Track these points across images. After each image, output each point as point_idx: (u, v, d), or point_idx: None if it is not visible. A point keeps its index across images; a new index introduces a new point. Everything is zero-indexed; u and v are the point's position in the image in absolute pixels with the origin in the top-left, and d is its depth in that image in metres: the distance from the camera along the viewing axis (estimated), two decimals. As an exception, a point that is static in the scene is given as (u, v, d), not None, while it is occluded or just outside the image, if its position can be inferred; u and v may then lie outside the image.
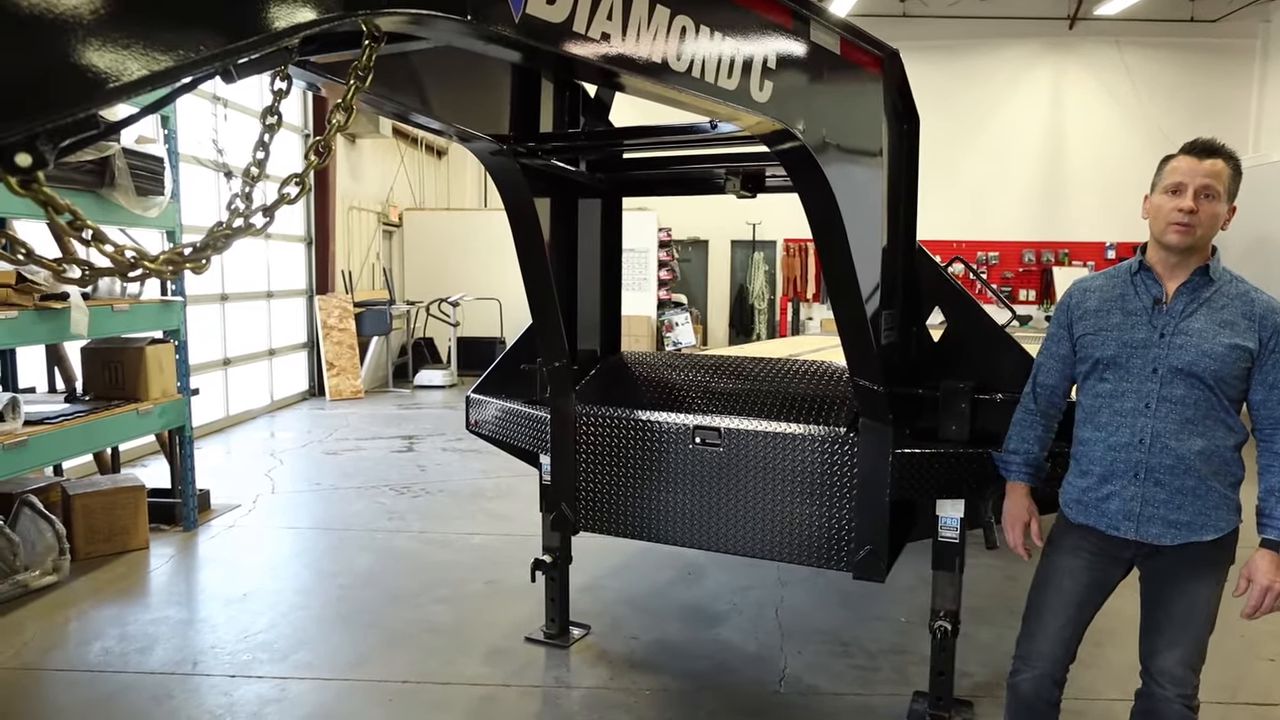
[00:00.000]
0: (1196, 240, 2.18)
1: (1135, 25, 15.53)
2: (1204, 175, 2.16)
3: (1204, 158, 2.17)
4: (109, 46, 1.01)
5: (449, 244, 13.38)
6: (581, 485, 3.49)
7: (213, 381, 8.66)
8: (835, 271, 2.70)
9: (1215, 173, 2.16)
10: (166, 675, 3.56)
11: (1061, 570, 2.39)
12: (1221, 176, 2.16)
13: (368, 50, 1.42)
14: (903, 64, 2.93)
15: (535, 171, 3.15)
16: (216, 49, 1.10)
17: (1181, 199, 2.16)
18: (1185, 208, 2.15)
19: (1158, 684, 2.29)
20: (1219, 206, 2.17)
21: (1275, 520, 2.18)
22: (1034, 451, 2.51)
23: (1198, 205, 2.15)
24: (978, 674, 3.58)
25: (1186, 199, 2.15)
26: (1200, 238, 2.18)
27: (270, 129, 1.49)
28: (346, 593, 4.49)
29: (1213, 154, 2.17)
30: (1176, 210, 2.16)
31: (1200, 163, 2.17)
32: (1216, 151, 2.18)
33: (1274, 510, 2.18)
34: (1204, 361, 2.16)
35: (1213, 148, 2.18)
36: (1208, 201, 2.16)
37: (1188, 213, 2.15)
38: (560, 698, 3.43)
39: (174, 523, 5.49)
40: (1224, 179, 2.16)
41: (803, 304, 16.84)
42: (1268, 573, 2.16)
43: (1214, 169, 2.16)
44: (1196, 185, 2.16)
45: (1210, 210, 2.16)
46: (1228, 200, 2.19)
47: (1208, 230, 2.18)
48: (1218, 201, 2.16)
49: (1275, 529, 2.17)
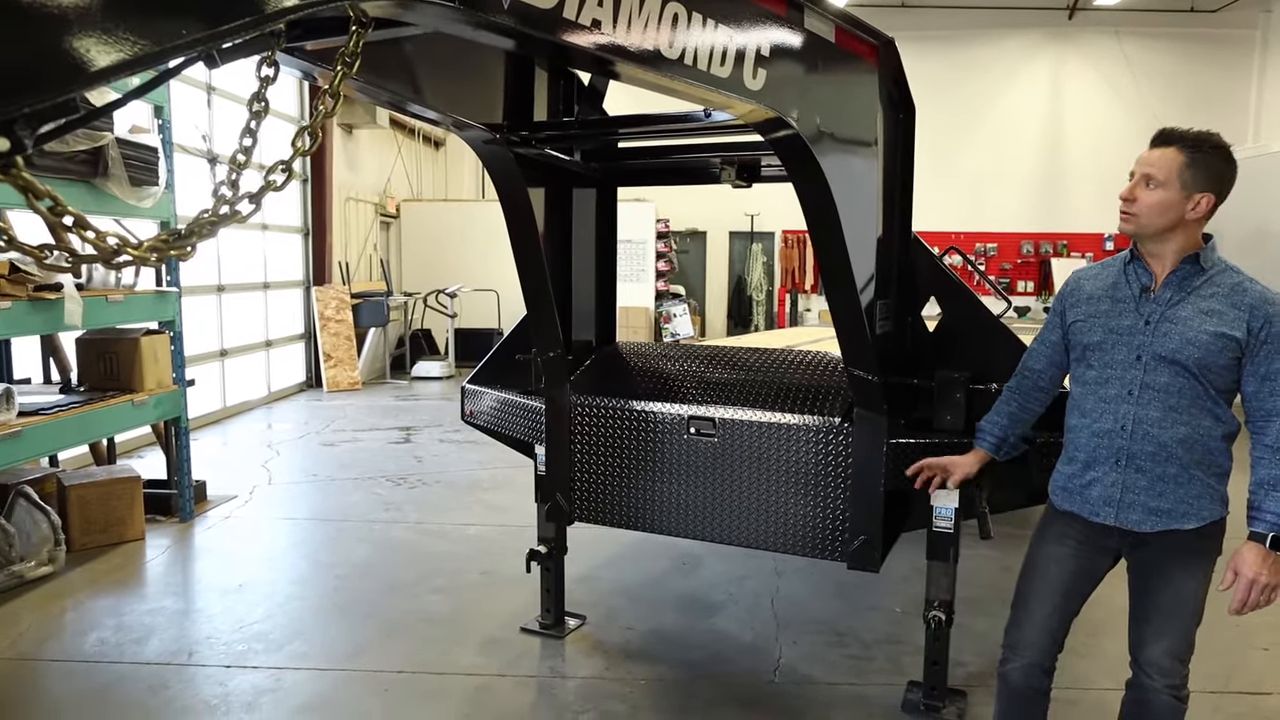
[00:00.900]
0: (1140, 228, 2.20)
1: (1135, 15, 15.48)
2: (1147, 163, 2.18)
3: (1154, 147, 2.19)
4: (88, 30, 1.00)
5: (447, 235, 13.36)
6: (576, 476, 3.49)
7: (209, 373, 8.65)
8: (830, 261, 2.70)
9: (1159, 161, 2.16)
10: (162, 666, 3.57)
11: (1048, 558, 2.40)
12: (1167, 164, 2.15)
13: (355, 36, 1.41)
14: (898, 53, 2.92)
15: (529, 161, 3.14)
16: (199, 33, 1.09)
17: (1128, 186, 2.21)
18: (1122, 195, 2.21)
19: (1146, 675, 2.29)
20: (1161, 194, 2.15)
21: (1265, 513, 2.15)
22: (1001, 424, 2.60)
23: (1135, 193, 2.18)
24: (972, 664, 3.58)
25: (1126, 187, 2.20)
26: (1145, 225, 2.19)
27: (257, 116, 1.48)
28: (343, 583, 4.49)
29: (1167, 142, 2.18)
30: (1120, 197, 2.21)
31: (1150, 152, 2.19)
32: (1171, 139, 2.17)
33: (1263, 503, 2.16)
34: (1187, 349, 2.16)
35: (1169, 136, 2.18)
36: (1147, 190, 2.17)
37: (1124, 200, 2.20)
38: (555, 688, 3.43)
39: (170, 514, 5.48)
40: (1172, 167, 2.14)
41: (801, 295, 16.82)
42: (1254, 565, 2.13)
43: (1159, 158, 2.16)
44: (1139, 174, 2.19)
45: (1150, 198, 2.16)
46: (1183, 188, 2.14)
47: (1151, 217, 2.18)
48: (1162, 189, 2.15)
49: (1264, 522, 2.15)
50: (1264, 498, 2.16)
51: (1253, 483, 2.19)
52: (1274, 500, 2.14)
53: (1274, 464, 2.16)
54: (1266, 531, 2.14)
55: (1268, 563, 2.13)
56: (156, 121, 5.13)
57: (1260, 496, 2.17)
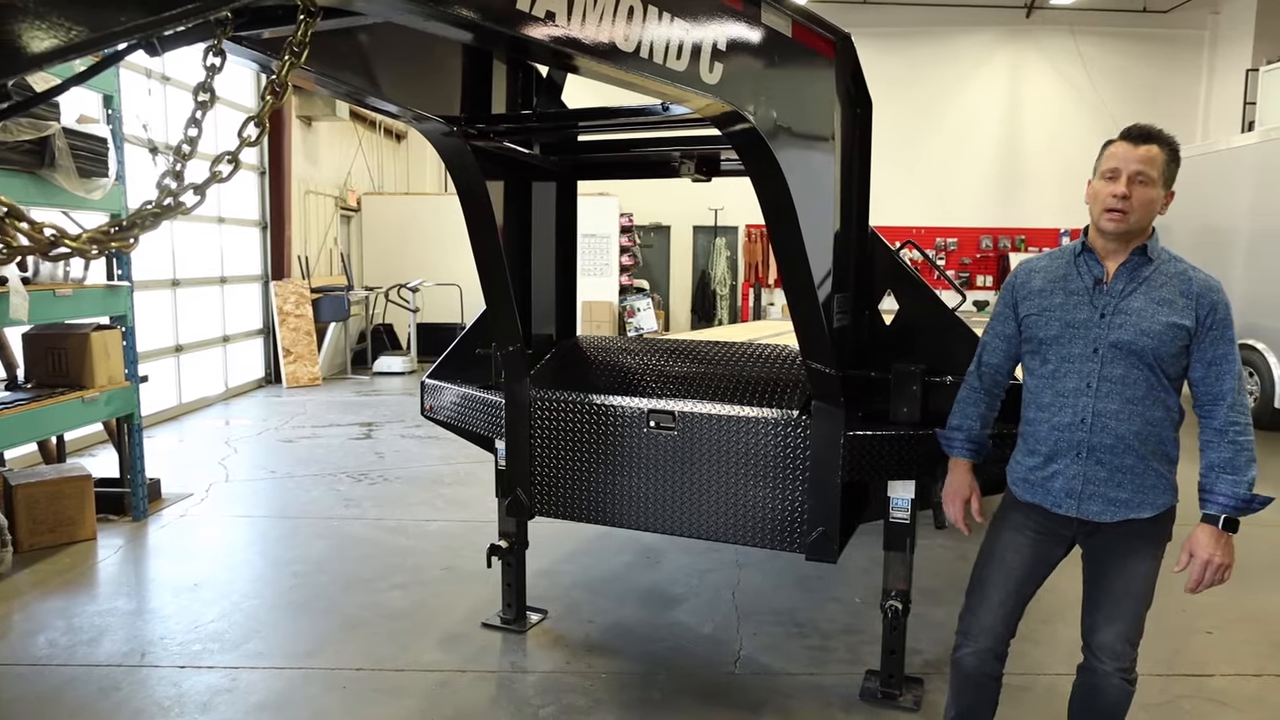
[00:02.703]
0: (1131, 225, 2.21)
1: (1090, 15, 15.79)
2: (1138, 161, 2.19)
3: (1139, 144, 2.20)
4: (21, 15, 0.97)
5: (408, 229, 13.22)
6: (537, 470, 3.48)
7: (164, 369, 8.49)
8: (787, 255, 2.71)
9: (1150, 159, 2.19)
10: (114, 667, 3.49)
11: (1005, 546, 2.44)
12: (1156, 162, 2.19)
13: (303, 25, 1.39)
14: (855, 48, 2.94)
15: (488, 154, 3.11)
16: (138, 20, 1.07)
17: (1116, 184, 2.20)
18: (1119, 193, 2.19)
19: (1097, 659, 2.35)
20: (1153, 192, 2.20)
21: (1216, 496, 2.21)
22: (975, 428, 2.56)
23: (1131, 191, 2.19)
24: (928, 652, 3.64)
25: (1120, 184, 2.19)
26: (1135, 223, 2.21)
27: (203, 106, 1.45)
28: (301, 580, 4.43)
29: (1148, 140, 2.20)
30: (1111, 196, 2.20)
31: (1135, 149, 2.20)
32: (1152, 137, 2.20)
33: (1215, 486, 2.22)
34: (1143, 340, 2.20)
35: (1149, 133, 2.21)
36: (1141, 187, 2.19)
37: (1121, 198, 2.19)
38: (516, 682, 3.42)
39: (123, 513, 5.37)
40: (1158, 165, 2.19)
41: (764, 289, 16.91)
42: (1207, 546, 2.20)
43: (1148, 155, 2.19)
44: (1130, 171, 2.19)
45: (1144, 196, 2.19)
46: (1163, 185, 2.22)
47: (1142, 215, 2.21)
48: (1151, 187, 2.19)
49: (1216, 504, 2.21)
50: (1215, 480, 2.21)
51: (1203, 466, 2.24)
52: (1225, 483, 2.20)
53: (1223, 447, 2.21)
54: (1219, 513, 2.20)
55: (1220, 543, 2.20)
56: (106, 111, 5.01)
57: (1211, 480, 2.22)
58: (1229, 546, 2.22)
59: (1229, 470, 2.19)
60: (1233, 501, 2.18)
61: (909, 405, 3.11)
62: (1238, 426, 2.20)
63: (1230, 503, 2.18)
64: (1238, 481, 2.18)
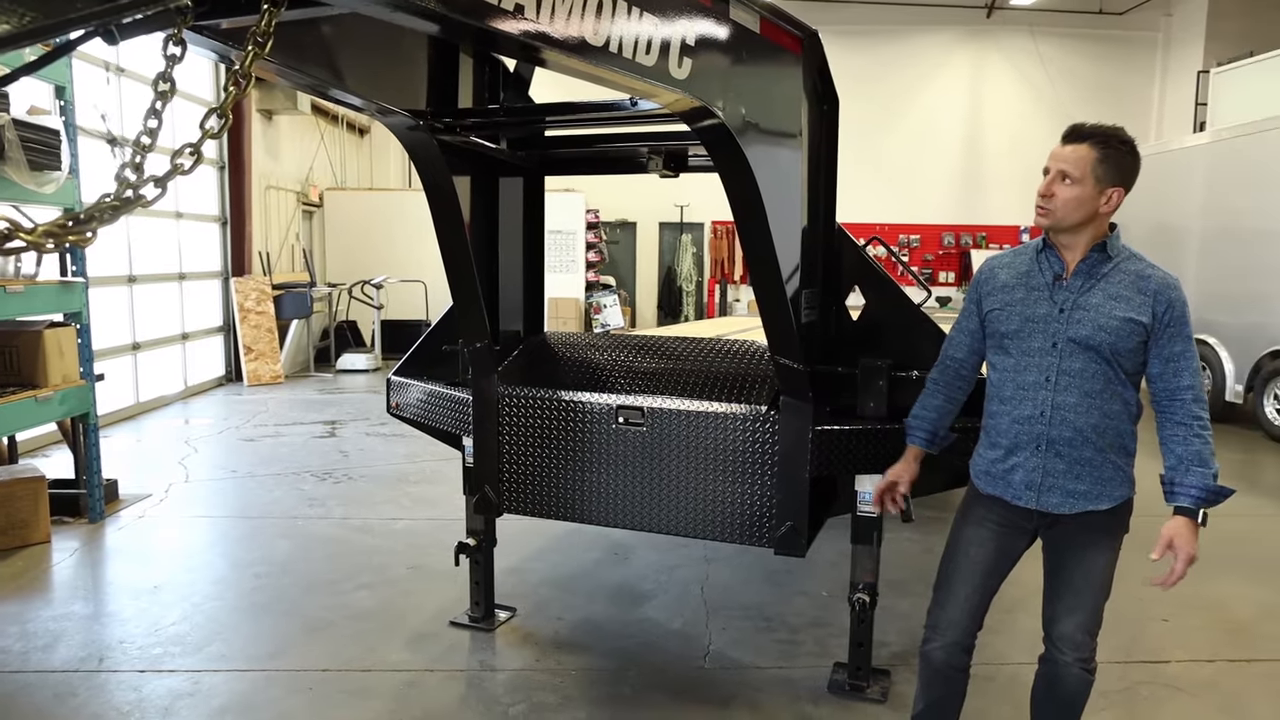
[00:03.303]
0: (1055, 222, 2.27)
1: (1049, 15, 16.05)
2: (1062, 160, 2.25)
3: (1067, 143, 2.26)
4: (-29, 0, 0.94)
5: (372, 225, 13.07)
6: (505, 467, 3.46)
7: (122, 367, 8.30)
8: (755, 250, 2.72)
9: (1075, 158, 2.23)
10: (70, 673, 3.41)
11: (969, 540, 2.47)
12: (1083, 161, 2.22)
13: (266, 15, 1.36)
14: (822, 45, 2.96)
15: (454, 149, 3.08)
16: (95, 7, 1.04)
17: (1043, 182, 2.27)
18: (1040, 191, 2.28)
19: (1058, 649, 2.39)
20: (1076, 190, 2.23)
21: (1188, 488, 2.22)
22: (930, 418, 2.61)
23: (1052, 189, 2.25)
24: (895, 644, 3.68)
25: (1043, 182, 2.27)
26: (1059, 220, 2.26)
27: (163, 96, 1.41)
28: (264, 581, 4.36)
29: (1079, 139, 2.25)
30: (1037, 193, 2.28)
31: (1064, 148, 2.26)
32: (1084, 136, 2.25)
33: (1185, 479, 2.23)
34: (1100, 335, 2.25)
35: (1080, 133, 2.26)
36: (1063, 185, 2.24)
37: (1042, 196, 2.27)
38: (485, 681, 3.40)
39: (79, 515, 5.24)
40: (1084, 163, 2.22)
41: (730, 285, 16.99)
42: (1191, 542, 2.21)
43: (1074, 154, 2.23)
44: (1056, 169, 2.25)
45: (1065, 194, 2.23)
46: (1097, 183, 2.22)
47: (1067, 212, 2.25)
48: (1075, 185, 2.23)
49: (1189, 496, 2.22)
50: (1184, 474, 2.23)
51: (1170, 460, 2.26)
52: (1195, 475, 2.22)
53: (1189, 440, 2.23)
54: (1194, 506, 2.21)
55: (1196, 536, 2.22)
56: (58, 103, 4.88)
57: (1180, 473, 2.24)
58: (1196, 539, 2.24)
59: (1198, 463, 2.22)
60: (1204, 493, 2.20)
61: (875, 400, 3.13)
62: (1201, 420, 2.24)
63: (1202, 495, 2.21)
64: (1206, 474, 2.21)
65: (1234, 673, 3.59)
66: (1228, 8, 14.63)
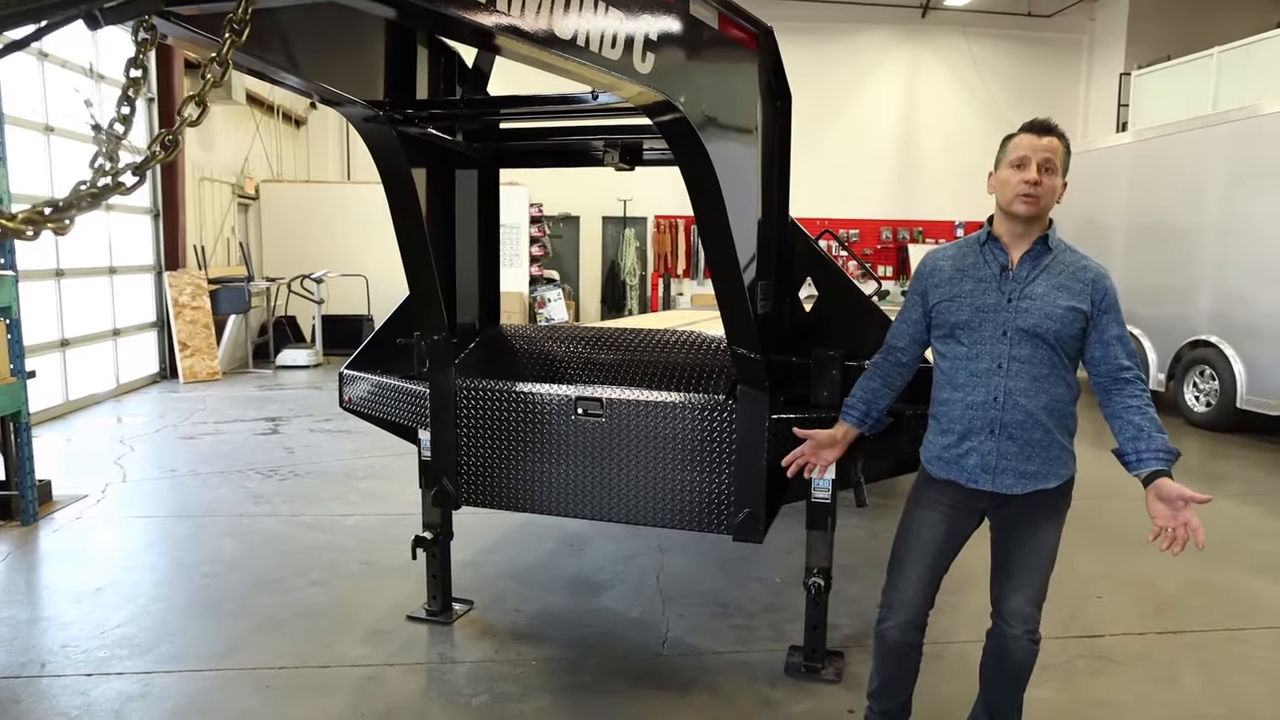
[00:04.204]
0: (1041, 209, 2.38)
1: (980, 16, 16.51)
2: (1045, 150, 2.36)
3: (1042, 135, 2.38)
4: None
5: (310, 218, 12.81)
6: (463, 459, 3.45)
7: (49, 364, 7.99)
8: (714, 242, 2.78)
9: (1054, 148, 2.37)
10: (10, 679, 3.30)
11: (921, 522, 2.57)
12: (1058, 152, 2.38)
13: (244, 2, 1.35)
14: (776, 41, 3.03)
15: (411, 140, 3.07)
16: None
17: (1026, 171, 2.36)
18: (1030, 179, 2.35)
19: (1007, 623, 2.50)
20: (1057, 179, 2.38)
21: (1156, 452, 2.28)
22: (864, 399, 2.71)
23: (1041, 177, 2.35)
24: (847, 626, 3.79)
25: (1031, 171, 2.36)
26: (1044, 206, 2.38)
27: (135, 83, 1.40)
28: (212, 580, 4.28)
29: (1049, 132, 2.39)
30: (1023, 182, 2.35)
31: (1040, 139, 2.37)
32: (1052, 130, 2.40)
33: (1150, 445, 2.30)
34: (1046, 323, 2.36)
35: (1049, 127, 2.40)
36: (1048, 175, 2.37)
37: (1033, 184, 2.35)
38: (446, 673, 3.40)
39: (10, 517, 5.06)
40: (1060, 154, 2.38)
41: (673, 280, 17.11)
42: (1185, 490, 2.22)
43: (1051, 145, 2.37)
44: (1039, 160, 2.36)
45: (1050, 182, 2.37)
46: (1063, 173, 2.40)
47: (1049, 200, 2.38)
48: (1056, 175, 2.38)
49: (1159, 459, 2.28)
50: (1149, 440, 2.30)
51: (1129, 431, 2.33)
52: (1158, 440, 2.29)
53: (1142, 410, 2.33)
54: (1167, 467, 2.28)
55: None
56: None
57: (1145, 439, 2.31)
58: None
59: (1157, 429, 2.32)
60: (1170, 455, 2.30)
61: (829, 389, 3.22)
62: (1147, 395, 2.38)
63: (1169, 456, 2.30)
64: (1164, 438, 2.32)
65: (1163, 644, 3.78)
66: (1147, 11, 15.25)
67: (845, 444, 2.77)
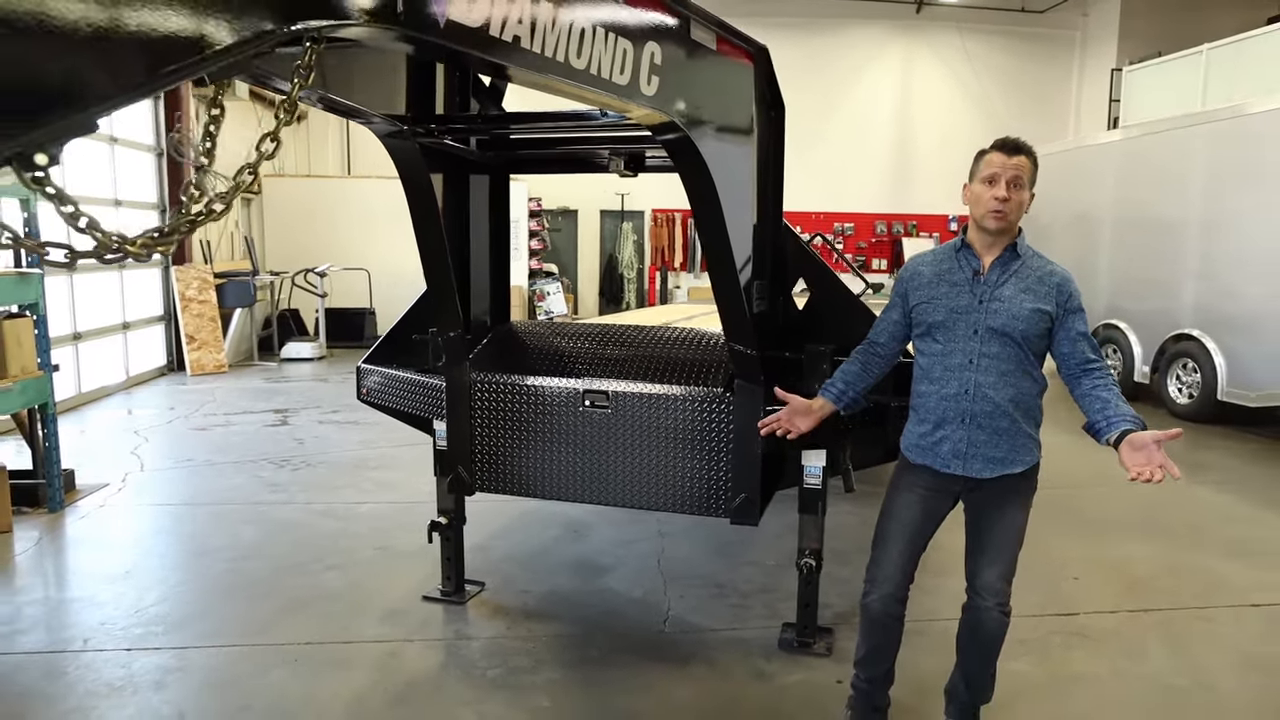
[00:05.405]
0: (1009, 223, 2.62)
1: (974, 12, 16.68)
2: (1013, 168, 2.59)
3: (1012, 155, 2.60)
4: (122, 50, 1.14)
5: (313, 212, 12.99)
6: (477, 449, 3.68)
7: (63, 357, 8.18)
8: (713, 246, 3.00)
9: (1022, 166, 2.60)
10: (56, 654, 3.53)
11: (900, 504, 2.81)
12: (1026, 169, 2.61)
13: (309, 51, 1.57)
14: (770, 56, 3.25)
15: (428, 149, 3.28)
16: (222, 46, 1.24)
17: (996, 189, 2.59)
18: (1000, 196, 2.58)
19: (980, 597, 2.73)
20: (1024, 194, 2.62)
21: (1124, 418, 2.46)
22: (843, 379, 2.92)
23: (1010, 194, 2.58)
24: (837, 605, 4.03)
25: (1000, 189, 2.59)
26: (1012, 220, 2.62)
27: (215, 120, 1.61)
28: (236, 565, 4.50)
29: (1019, 151, 2.61)
30: (993, 199, 2.58)
31: (1009, 158, 2.60)
32: (1021, 149, 2.62)
33: (1118, 413, 2.48)
34: (1013, 323, 2.60)
35: (1018, 146, 2.62)
36: (1016, 190, 2.59)
37: (1001, 201, 2.58)
38: (462, 648, 3.64)
39: (38, 505, 5.28)
40: (1027, 171, 2.61)
41: (670, 273, 17.31)
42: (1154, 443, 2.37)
43: (1020, 163, 2.60)
44: (1008, 177, 2.59)
45: (1019, 197, 2.60)
46: (1029, 188, 2.64)
47: (1017, 214, 2.62)
48: (1024, 190, 2.61)
49: (1128, 421, 2.44)
50: (1115, 411, 2.50)
51: (1097, 405, 2.53)
52: (1125, 409, 2.49)
53: (1108, 390, 2.54)
54: (1136, 428, 2.44)
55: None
56: None
57: (1111, 412, 2.50)
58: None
59: (1123, 402, 2.55)
60: (1138, 422, 2.49)
61: (820, 382, 3.43)
62: (1112, 378, 2.62)
63: (1137, 421, 2.49)
64: (1131, 409, 2.52)
65: (1133, 621, 4.03)
66: (1139, 7, 15.44)
67: (819, 417, 2.95)
